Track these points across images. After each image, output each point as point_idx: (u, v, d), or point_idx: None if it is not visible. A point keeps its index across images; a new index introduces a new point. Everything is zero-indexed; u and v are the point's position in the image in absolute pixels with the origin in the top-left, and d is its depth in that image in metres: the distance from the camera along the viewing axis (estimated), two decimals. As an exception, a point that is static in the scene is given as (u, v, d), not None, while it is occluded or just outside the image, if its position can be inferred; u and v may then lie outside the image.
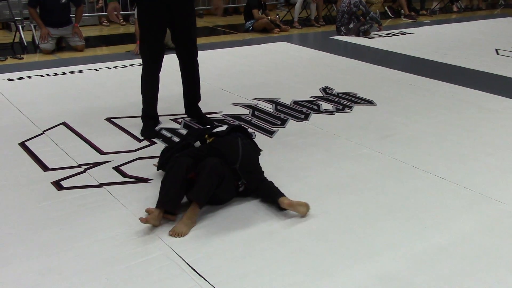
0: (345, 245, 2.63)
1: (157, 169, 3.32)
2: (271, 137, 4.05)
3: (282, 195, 2.92)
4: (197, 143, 3.33)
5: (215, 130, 3.36)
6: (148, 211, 2.80)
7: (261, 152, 3.33)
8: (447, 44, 7.92)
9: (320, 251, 2.58)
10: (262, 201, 3.01)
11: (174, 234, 2.67)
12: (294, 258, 2.52)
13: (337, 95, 5.18)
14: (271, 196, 2.95)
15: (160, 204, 2.74)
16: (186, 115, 4.38)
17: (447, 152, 3.84)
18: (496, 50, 7.54)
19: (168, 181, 2.82)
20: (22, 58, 6.64)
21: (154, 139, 3.95)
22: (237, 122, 4.27)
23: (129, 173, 3.39)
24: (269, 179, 3.07)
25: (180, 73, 4.33)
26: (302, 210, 2.85)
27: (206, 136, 3.29)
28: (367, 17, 8.46)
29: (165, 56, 6.96)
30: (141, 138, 3.97)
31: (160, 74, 5.86)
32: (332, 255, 2.55)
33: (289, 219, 2.86)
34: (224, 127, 3.41)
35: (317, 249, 2.60)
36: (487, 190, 3.23)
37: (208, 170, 2.82)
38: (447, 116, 4.62)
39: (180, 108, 4.65)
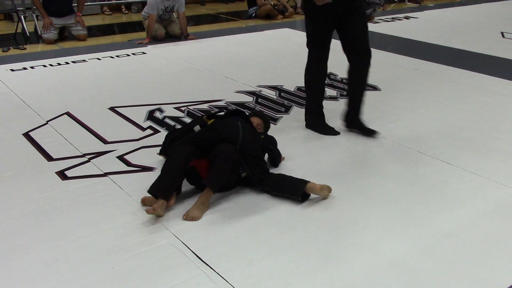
0: (350, 232, 2.62)
1: (159, 153, 3.32)
2: (275, 124, 4.03)
3: (307, 181, 2.88)
4: (197, 127, 3.31)
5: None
6: (144, 200, 2.80)
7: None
8: (452, 28, 7.85)
9: (326, 238, 2.58)
10: (275, 193, 2.93)
11: (188, 218, 2.70)
12: (299, 245, 2.51)
13: (341, 81, 5.15)
14: (293, 187, 2.87)
15: (151, 190, 2.74)
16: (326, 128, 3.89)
17: (452, 137, 3.81)
18: (502, 33, 7.46)
19: (165, 169, 2.82)
20: (25, 49, 6.64)
21: (158, 128, 3.93)
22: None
23: (133, 162, 3.39)
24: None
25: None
26: (325, 193, 2.87)
27: (205, 117, 3.27)
28: (368, 1, 8.36)
29: (169, 44, 6.96)
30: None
31: (164, 63, 5.88)
32: (338, 241, 2.54)
33: (294, 206, 2.85)
34: (222, 113, 3.41)
35: (323, 236, 2.59)
36: (493, 175, 3.21)
37: (223, 157, 2.81)
38: (452, 101, 4.58)
39: (184, 97, 4.64)
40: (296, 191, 2.86)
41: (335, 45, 3.73)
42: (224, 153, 2.82)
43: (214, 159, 2.83)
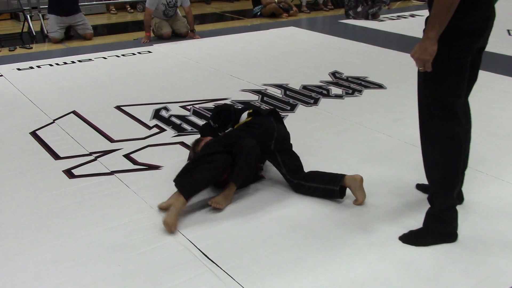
0: (357, 229, 2.63)
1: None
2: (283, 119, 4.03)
3: (343, 174, 2.85)
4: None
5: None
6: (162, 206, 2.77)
7: None
8: (457, 26, 7.82)
9: (333, 236, 2.58)
10: (310, 184, 2.88)
11: (213, 203, 2.75)
12: (305, 243, 2.52)
13: (347, 79, 5.15)
14: (331, 180, 2.84)
15: (185, 192, 2.69)
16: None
17: (458, 135, 3.79)
18: (508, 31, 7.43)
19: (204, 177, 2.76)
20: (31, 48, 6.66)
21: (164, 127, 3.95)
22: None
23: (139, 160, 3.40)
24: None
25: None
26: (361, 197, 2.81)
27: (251, 110, 3.24)
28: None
29: (175, 42, 6.96)
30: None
31: (169, 62, 5.89)
32: (345, 239, 2.55)
33: (300, 204, 2.86)
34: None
35: (330, 234, 2.60)
36: (499, 172, 3.20)
37: (247, 153, 2.85)
38: (458, 99, 4.56)
39: (189, 96, 4.65)
40: (335, 180, 2.84)
41: (340, 43, 3.71)
42: (247, 149, 2.86)
43: (238, 155, 2.86)
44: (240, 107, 3.52)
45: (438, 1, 2.08)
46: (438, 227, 2.50)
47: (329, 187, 2.84)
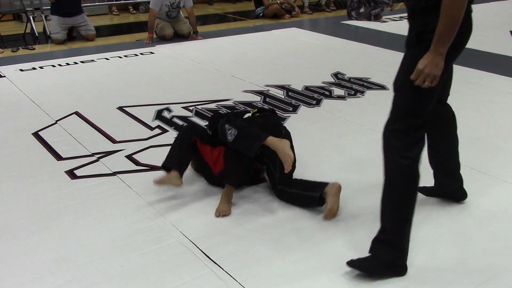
0: (358, 232, 2.62)
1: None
2: (283, 123, 4.02)
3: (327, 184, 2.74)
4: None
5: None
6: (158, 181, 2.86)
7: None
8: (460, 27, 7.80)
9: (333, 238, 2.58)
10: (293, 190, 2.82)
11: (220, 213, 2.75)
12: (307, 245, 2.52)
13: (349, 80, 5.14)
14: (313, 187, 2.76)
15: (163, 164, 2.91)
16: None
17: (461, 135, 3.76)
18: (511, 32, 7.42)
19: (172, 146, 2.99)
20: (34, 49, 6.68)
21: (166, 127, 3.95)
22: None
23: (141, 161, 3.40)
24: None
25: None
26: (332, 204, 2.64)
27: (256, 110, 3.18)
28: (377, 0, 8.33)
29: (177, 43, 6.95)
30: (153, 126, 3.98)
31: (172, 63, 5.89)
32: (346, 241, 2.54)
33: (302, 208, 2.85)
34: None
35: (330, 236, 2.59)
36: (502, 174, 3.20)
37: (234, 152, 2.84)
38: (461, 100, 4.55)
39: (191, 96, 4.66)
40: (318, 187, 2.75)
41: (343, 44, 3.71)
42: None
43: (228, 157, 2.85)
44: (239, 111, 3.50)
45: (449, 16, 2.03)
46: (388, 255, 2.27)
47: (309, 193, 2.74)
